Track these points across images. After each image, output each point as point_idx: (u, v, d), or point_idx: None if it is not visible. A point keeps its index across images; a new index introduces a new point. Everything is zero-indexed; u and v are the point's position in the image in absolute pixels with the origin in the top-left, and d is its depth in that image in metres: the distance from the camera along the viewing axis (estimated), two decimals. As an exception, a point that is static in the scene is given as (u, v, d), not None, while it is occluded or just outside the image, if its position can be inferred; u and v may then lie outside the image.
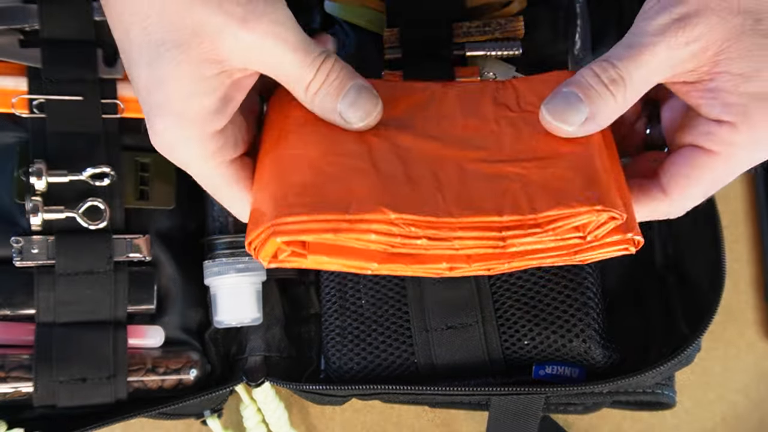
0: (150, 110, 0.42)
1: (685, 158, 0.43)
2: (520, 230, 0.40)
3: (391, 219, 0.39)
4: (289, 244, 0.40)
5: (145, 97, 0.41)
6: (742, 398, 0.62)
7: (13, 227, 0.53)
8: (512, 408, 0.52)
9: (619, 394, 0.54)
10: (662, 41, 0.40)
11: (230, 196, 0.44)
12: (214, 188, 0.45)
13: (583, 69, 0.41)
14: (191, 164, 0.43)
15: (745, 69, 0.40)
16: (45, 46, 0.54)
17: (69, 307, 0.52)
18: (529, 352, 0.53)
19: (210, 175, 0.43)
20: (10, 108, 0.53)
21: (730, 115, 0.41)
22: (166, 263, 0.56)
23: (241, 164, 0.44)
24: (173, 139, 0.42)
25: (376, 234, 0.39)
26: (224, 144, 0.42)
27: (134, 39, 0.40)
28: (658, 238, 0.60)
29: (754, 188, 0.65)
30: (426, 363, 0.54)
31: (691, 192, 0.43)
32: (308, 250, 0.41)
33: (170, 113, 0.41)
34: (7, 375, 0.51)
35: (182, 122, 0.41)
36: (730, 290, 0.63)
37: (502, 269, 0.42)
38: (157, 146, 0.43)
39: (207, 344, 0.57)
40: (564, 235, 0.40)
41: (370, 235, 0.39)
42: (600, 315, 0.53)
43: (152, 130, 0.42)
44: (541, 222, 0.40)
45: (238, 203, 0.44)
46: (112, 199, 0.54)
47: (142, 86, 0.41)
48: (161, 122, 0.41)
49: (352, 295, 0.56)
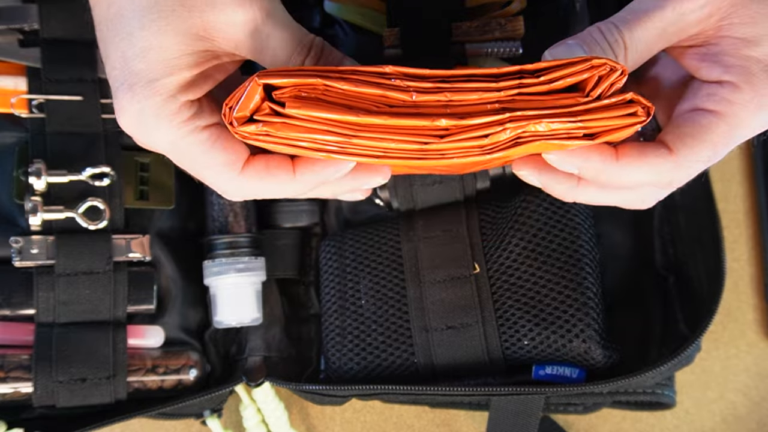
0: (121, 84, 0.40)
1: (687, 120, 0.42)
2: (516, 80, 0.38)
3: (385, 71, 0.38)
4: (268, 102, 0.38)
5: (120, 70, 0.40)
6: (742, 398, 0.62)
7: (13, 227, 0.53)
8: (512, 408, 0.53)
9: (619, 394, 0.54)
10: (668, 6, 0.39)
11: (210, 165, 0.42)
12: (191, 160, 0.42)
13: (590, 27, 0.41)
14: (163, 136, 0.41)
15: (749, 34, 0.40)
16: (44, 45, 0.54)
17: (68, 307, 0.52)
18: (529, 353, 0.53)
19: (184, 144, 0.41)
20: (9, 108, 0.53)
21: (732, 75, 0.40)
22: (165, 263, 0.56)
23: (217, 129, 0.41)
24: (143, 111, 0.40)
25: (365, 85, 0.37)
26: (198, 111, 0.41)
27: (119, 9, 0.39)
28: (658, 238, 0.60)
29: (754, 188, 0.65)
30: (426, 363, 0.54)
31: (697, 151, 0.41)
32: (287, 106, 0.38)
33: (145, 80, 0.39)
34: (6, 375, 0.51)
35: (156, 88, 0.39)
36: (730, 290, 0.63)
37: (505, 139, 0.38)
38: (126, 126, 0.41)
39: (207, 344, 0.57)
40: (564, 96, 0.39)
41: (358, 85, 0.37)
42: (600, 315, 0.53)
43: (121, 108, 0.40)
44: (535, 71, 0.38)
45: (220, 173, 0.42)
46: (111, 199, 0.54)
47: (118, 58, 0.40)
48: (132, 95, 0.39)
49: (352, 295, 0.56)
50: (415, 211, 0.58)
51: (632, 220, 0.60)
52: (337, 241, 0.58)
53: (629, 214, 0.60)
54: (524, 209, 0.55)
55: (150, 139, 0.41)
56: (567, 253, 0.53)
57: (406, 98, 0.38)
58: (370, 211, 0.60)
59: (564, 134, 0.39)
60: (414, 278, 0.55)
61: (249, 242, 0.56)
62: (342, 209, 0.61)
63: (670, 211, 0.60)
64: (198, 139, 0.41)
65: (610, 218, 0.60)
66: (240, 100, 0.38)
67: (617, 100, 0.39)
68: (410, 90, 0.38)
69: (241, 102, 0.38)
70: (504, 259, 0.54)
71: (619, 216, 0.60)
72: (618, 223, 0.60)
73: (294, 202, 0.59)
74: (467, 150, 0.39)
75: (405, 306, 0.55)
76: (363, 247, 0.57)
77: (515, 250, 0.54)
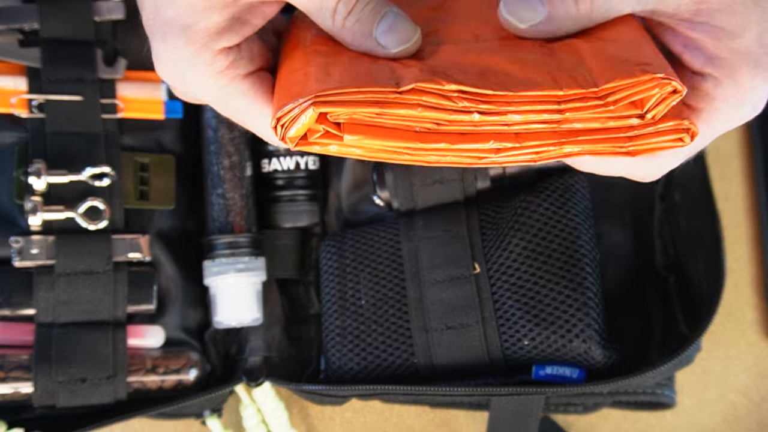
0: (155, 34, 0.40)
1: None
2: (580, 102, 0.38)
3: (444, 90, 0.37)
4: (323, 122, 0.37)
5: (153, 19, 0.39)
6: (742, 398, 0.62)
7: (13, 227, 0.53)
8: (512, 408, 0.52)
9: (619, 394, 0.54)
10: None
11: (252, 113, 0.41)
12: (234, 110, 0.41)
13: None
14: (202, 85, 0.40)
15: (727, 24, 0.39)
16: (44, 45, 0.54)
17: (68, 308, 0.52)
18: (529, 353, 0.53)
19: (224, 94, 0.40)
20: (9, 108, 0.53)
21: (714, 68, 0.40)
22: (165, 263, 0.56)
23: (259, 78, 0.41)
24: (179, 61, 0.39)
25: (424, 108, 0.37)
26: (236, 59, 0.40)
27: None
28: (658, 238, 0.60)
29: (754, 188, 0.65)
30: (426, 363, 0.54)
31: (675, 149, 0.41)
32: (343, 131, 0.37)
33: (178, 29, 0.39)
34: (6, 375, 0.51)
35: (189, 36, 0.39)
36: (730, 290, 0.63)
37: (552, 155, 0.39)
38: (164, 75, 0.41)
39: (207, 344, 0.57)
40: (622, 113, 0.38)
41: (417, 109, 0.37)
42: (600, 315, 0.53)
43: (158, 57, 0.40)
44: (601, 95, 0.37)
45: (262, 120, 0.41)
46: (111, 199, 0.53)
47: (150, 7, 0.39)
48: (167, 43, 0.39)
49: (352, 295, 0.56)
50: (415, 211, 0.58)
51: (632, 220, 0.60)
52: (337, 241, 0.58)
53: (629, 214, 0.60)
54: (524, 209, 0.54)
55: (188, 88, 0.41)
56: (567, 253, 0.53)
57: (467, 119, 0.37)
58: (370, 211, 0.60)
59: (610, 152, 0.39)
60: (414, 278, 0.55)
61: (249, 242, 0.56)
62: (342, 209, 0.61)
63: (671, 212, 0.60)
64: (238, 90, 0.40)
65: (610, 218, 0.60)
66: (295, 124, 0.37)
67: (673, 126, 0.39)
68: (472, 110, 0.37)
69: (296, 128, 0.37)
70: (504, 259, 0.54)
71: (619, 216, 0.60)
72: (618, 223, 0.60)
73: (294, 202, 0.59)
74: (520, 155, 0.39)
75: (405, 306, 0.55)
76: (363, 247, 0.57)
77: (515, 250, 0.54)
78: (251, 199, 0.58)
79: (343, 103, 0.36)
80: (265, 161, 0.59)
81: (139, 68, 0.56)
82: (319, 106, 0.36)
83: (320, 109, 0.36)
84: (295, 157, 0.59)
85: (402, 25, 0.39)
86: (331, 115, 0.37)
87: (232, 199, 0.57)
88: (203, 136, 0.58)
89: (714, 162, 0.62)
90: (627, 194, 0.60)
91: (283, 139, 0.38)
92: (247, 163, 0.58)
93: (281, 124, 0.38)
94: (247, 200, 0.57)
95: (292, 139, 0.38)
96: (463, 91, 0.37)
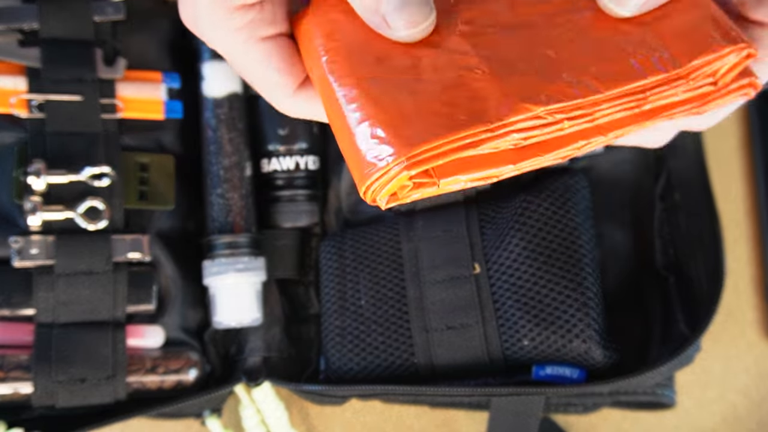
0: None
1: None
2: (665, 85, 0.37)
3: (537, 113, 0.36)
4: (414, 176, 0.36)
5: None
6: (742, 398, 0.62)
7: (13, 227, 0.53)
8: (512, 408, 0.52)
9: (619, 394, 0.54)
10: None
11: (262, 78, 0.40)
12: (244, 69, 0.40)
13: None
14: (218, 40, 0.39)
15: None
16: (44, 45, 0.54)
17: (68, 308, 0.52)
18: (529, 353, 0.53)
19: (238, 54, 0.39)
20: (8, 108, 0.53)
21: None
22: (165, 263, 0.56)
23: (277, 44, 0.39)
24: (197, 8, 0.38)
25: (518, 132, 0.36)
26: (255, 19, 0.38)
27: None
28: (658, 238, 0.60)
29: (754, 188, 0.65)
30: (426, 363, 0.54)
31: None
32: (438, 175, 0.36)
33: None
34: (6, 375, 0.51)
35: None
36: (730, 290, 0.63)
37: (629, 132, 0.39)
38: (184, 20, 0.40)
39: (206, 344, 0.57)
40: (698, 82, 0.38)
41: (511, 135, 0.35)
42: (600, 315, 0.53)
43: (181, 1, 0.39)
44: (683, 74, 0.37)
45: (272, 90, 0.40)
46: (111, 200, 0.53)
47: None
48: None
49: (352, 295, 0.56)
50: (415, 211, 0.58)
51: (632, 220, 0.60)
52: (337, 241, 0.58)
53: (629, 214, 0.60)
54: (524, 209, 0.54)
55: (206, 38, 0.40)
56: (567, 253, 0.53)
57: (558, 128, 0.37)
58: (370, 211, 0.60)
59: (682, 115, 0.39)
60: (414, 278, 0.55)
61: (249, 242, 0.56)
62: (342, 209, 0.61)
63: (671, 212, 0.60)
64: (254, 52, 0.39)
65: (610, 218, 0.60)
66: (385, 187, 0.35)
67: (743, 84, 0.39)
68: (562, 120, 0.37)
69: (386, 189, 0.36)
70: (504, 259, 0.54)
71: (619, 216, 0.60)
72: (618, 223, 0.60)
73: (294, 202, 0.59)
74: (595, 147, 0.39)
75: (405, 306, 0.55)
76: (363, 247, 0.57)
77: (515, 250, 0.54)
78: (251, 199, 0.58)
79: (435, 156, 0.35)
80: (264, 161, 0.59)
81: (139, 68, 0.56)
82: (412, 168, 0.34)
83: (414, 170, 0.35)
84: (294, 157, 0.59)
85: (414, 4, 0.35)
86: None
87: (231, 199, 0.57)
88: (203, 136, 0.58)
89: (714, 162, 0.62)
90: (627, 194, 0.60)
91: (373, 202, 0.36)
92: (247, 163, 0.58)
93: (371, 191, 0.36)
94: (247, 200, 0.57)
95: (382, 200, 0.36)
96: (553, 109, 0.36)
